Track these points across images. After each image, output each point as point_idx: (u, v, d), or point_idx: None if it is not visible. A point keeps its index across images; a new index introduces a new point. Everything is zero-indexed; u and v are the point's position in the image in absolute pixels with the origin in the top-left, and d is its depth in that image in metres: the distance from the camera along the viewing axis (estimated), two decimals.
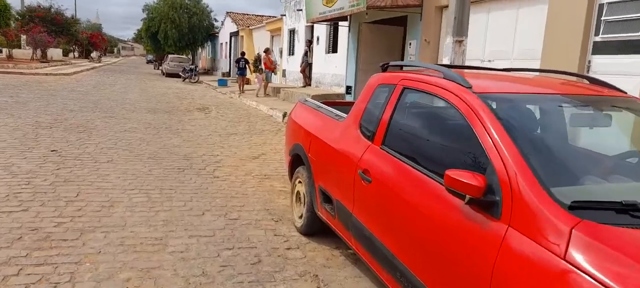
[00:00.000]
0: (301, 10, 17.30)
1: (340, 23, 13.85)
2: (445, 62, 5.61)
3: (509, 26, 7.52)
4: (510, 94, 2.56)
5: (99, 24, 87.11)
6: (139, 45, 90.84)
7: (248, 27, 28.72)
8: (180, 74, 27.83)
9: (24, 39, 35.42)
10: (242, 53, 20.80)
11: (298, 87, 17.89)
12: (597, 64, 6.00)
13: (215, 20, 38.70)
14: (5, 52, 33.49)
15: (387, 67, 3.53)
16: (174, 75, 29.55)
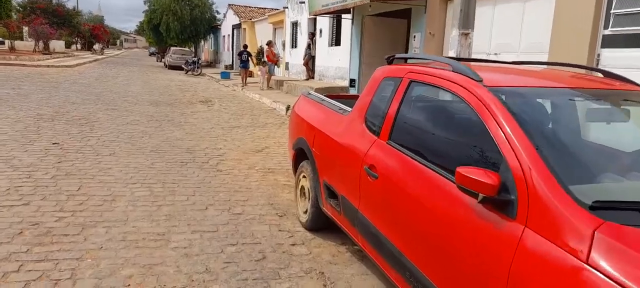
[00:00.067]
0: (304, 2, 17.16)
1: (344, 16, 13.73)
2: (451, 55, 5.51)
3: (515, 19, 7.41)
4: (522, 87, 2.48)
5: (101, 16, 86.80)
6: (141, 38, 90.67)
7: (250, 19, 28.53)
8: (183, 66, 27.74)
9: (26, 30, 35.39)
10: (245, 46, 20.67)
11: (301, 79, 17.78)
12: (606, 57, 5.90)
13: (217, 12, 38.52)
14: (7, 43, 33.48)
15: (392, 60, 3.45)
16: (177, 68, 29.46)
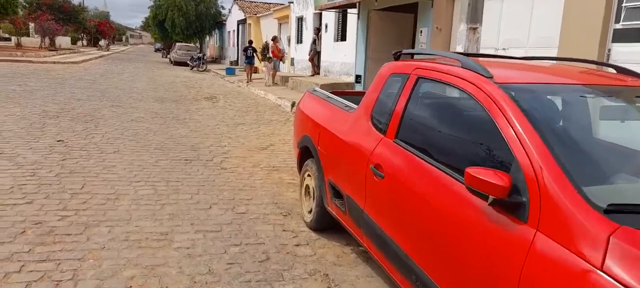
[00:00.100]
0: None
1: (349, 10, 13.62)
2: (459, 50, 5.41)
3: (524, 13, 7.28)
4: (534, 84, 2.40)
5: (107, 12, 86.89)
6: (147, 34, 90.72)
7: (256, 14, 28.44)
8: (188, 62, 27.72)
9: (32, 27, 35.54)
10: (250, 41, 20.58)
11: (306, 75, 17.70)
12: (617, 52, 5.78)
13: (223, 8, 38.41)
14: (13, 40, 33.65)
15: (399, 56, 3.37)
16: (182, 64, 29.45)
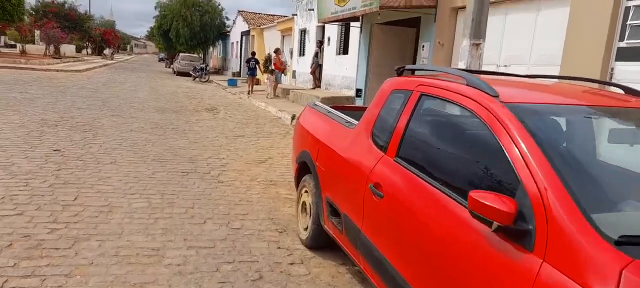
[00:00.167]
0: (313, 9, 17.08)
1: (352, 24, 13.60)
2: (461, 66, 5.34)
3: (527, 29, 7.22)
4: (542, 104, 2.30)
5: (113, 21, 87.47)
6: (151, 43, 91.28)
7: (259, 26, 28.55)
8: (191, 72, 27.77)
9: (37, 34, 35.69)
10: (253, 53, 20.60)
11: (307, 88, 17.66)
12: (620, 71, 5.69)
13: (227, 18, 38.62)
14: (18, 47, 33.78)
15: (402, 71, 3.29)
16: (185, 74, 29.52)
